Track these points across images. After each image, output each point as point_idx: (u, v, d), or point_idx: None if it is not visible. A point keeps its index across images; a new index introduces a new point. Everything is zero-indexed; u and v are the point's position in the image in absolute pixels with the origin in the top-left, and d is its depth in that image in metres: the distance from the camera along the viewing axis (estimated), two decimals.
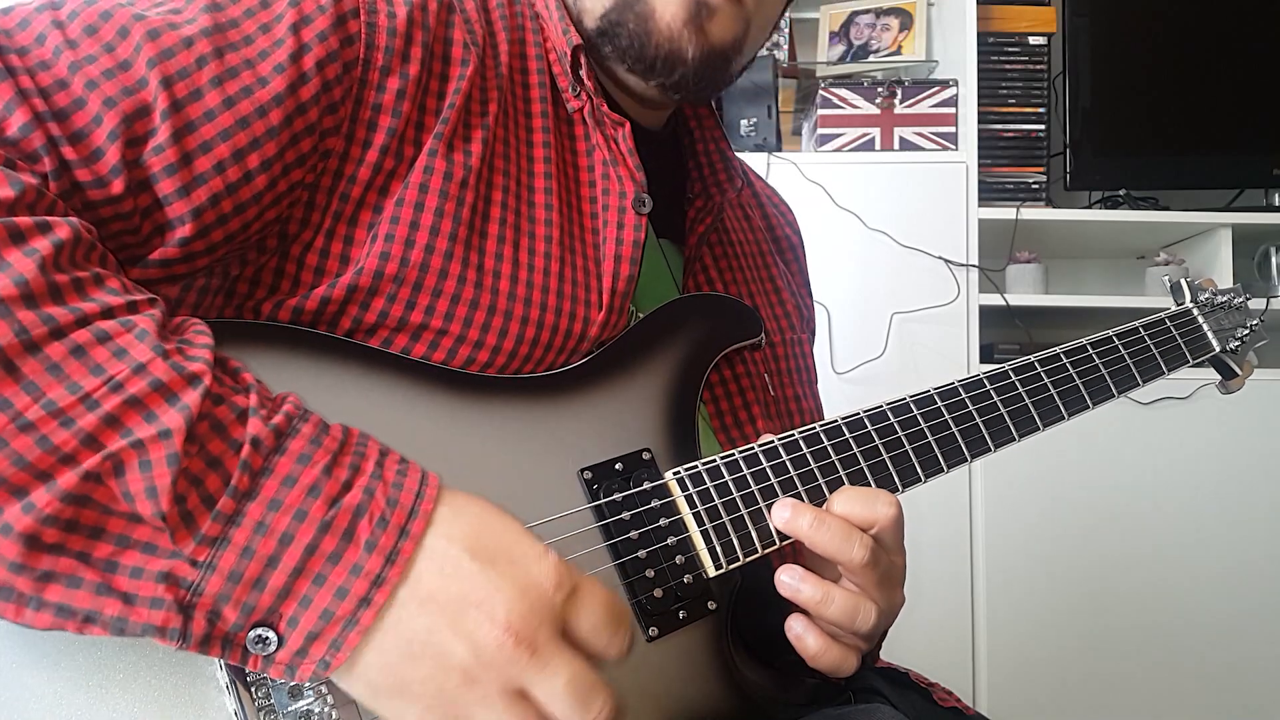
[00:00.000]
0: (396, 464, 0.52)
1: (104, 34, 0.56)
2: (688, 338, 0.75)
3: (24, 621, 0.46)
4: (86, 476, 0.45)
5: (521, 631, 0.49)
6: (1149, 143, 2.26)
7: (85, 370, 0.46)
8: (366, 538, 0.48)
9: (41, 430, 0.45)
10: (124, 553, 0.46)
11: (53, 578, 0.45)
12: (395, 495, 0.50)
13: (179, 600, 0.46)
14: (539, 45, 0.75)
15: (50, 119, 0.53)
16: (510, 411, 0.65)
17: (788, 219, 1.03)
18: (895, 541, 0.69)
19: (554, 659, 0.49)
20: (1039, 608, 2.02)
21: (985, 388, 0.79)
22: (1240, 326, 0.97)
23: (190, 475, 0.46)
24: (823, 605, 0.66)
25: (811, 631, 0.67)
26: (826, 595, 0.66)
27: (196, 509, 0.46)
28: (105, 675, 0.52)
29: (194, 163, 0.57)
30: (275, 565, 0.47)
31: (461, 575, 0.49)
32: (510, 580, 0.50)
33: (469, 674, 0.48)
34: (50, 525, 0.44)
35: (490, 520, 0.52)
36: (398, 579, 0.48)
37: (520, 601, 0.49)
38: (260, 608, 0.47)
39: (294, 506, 0.48)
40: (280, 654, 0.47)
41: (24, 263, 0.47)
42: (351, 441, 0.52)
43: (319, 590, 0.47)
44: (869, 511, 0.67)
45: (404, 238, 0.64)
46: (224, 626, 0.47)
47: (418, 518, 0.50)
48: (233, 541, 0.47)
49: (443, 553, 0.50)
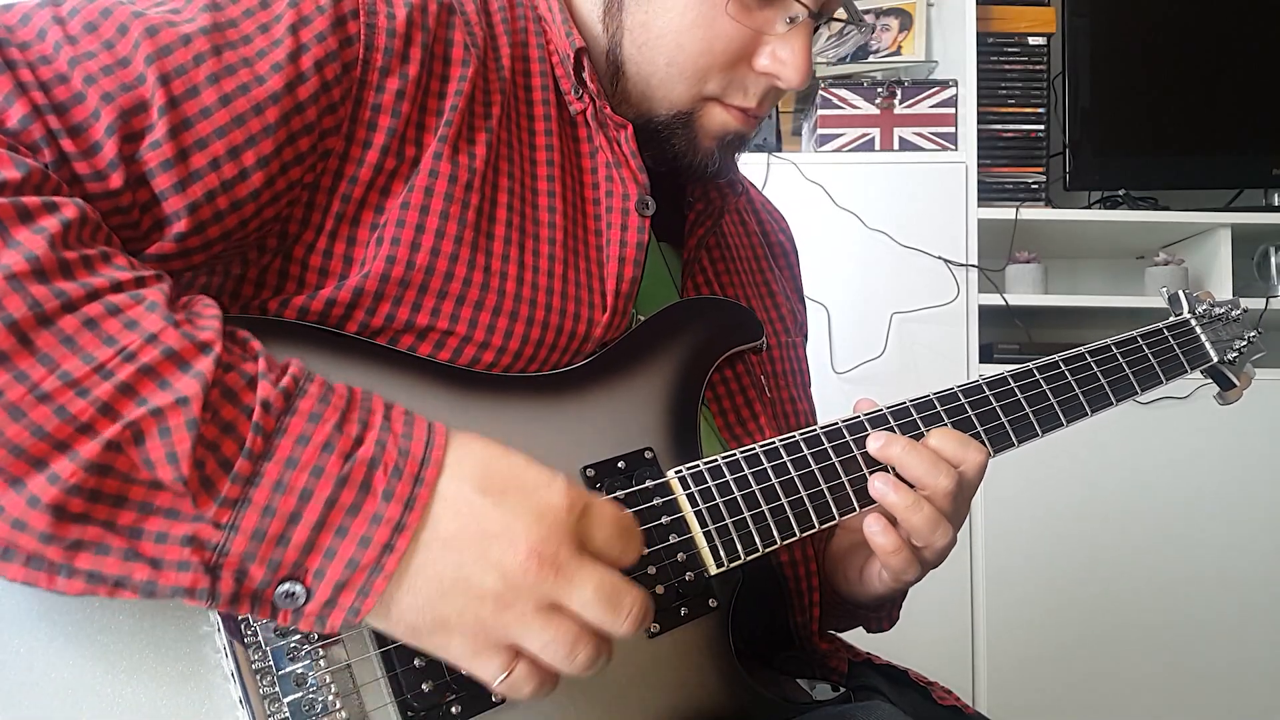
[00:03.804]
0: (403, 416, 0.53)
1: (104, 30, 0.57)
2: (690, 339, 0.75)
3: (57, 589, 0.47)
4: (108, 446, 0.46)
5: (544, 553, 0.50)
6: (1148, 143, 2.26)
7: (98, 341, 0.47)
8: (383, 488, 0.50)
9: (59, 400, 0.46)
10: (148, 519, 0.47)
11: (81, 546, 0.46)
12: (406, 445, 0.51)
13: (205, 562, 0.47)
14: (541, 47, 0.76)
15: (49, 112, 0.54)
16: (513, 410, 0.66)
17: (781, 225, 1.04)
18: (974, 483, 0.75)
19: (578, 572, 0.51)
20: (1039, 607, 2.02)
21: (985, 393, 0.79)
22: (1238, 338, 0.98)
23: (206, 441, 0.47)
24: (912, 510, 0.71)
25: (888, 532, 0.72)
26: (916, 501, 0.71)
27: (215, 473, 0.47)
28: (113, 660, 0.53)
29: (190, 159, 0.57)
30: (297, 521, 0.48)
31: (478, 513, 0.51)
32: (525, 508, 0.51)
33: (502, 599, 0.50)
34: (75, 495, 0.45)
35: (496, 455, 0.53)
36: (418, 524, 0.50)
37: (537, 526, 0.51)
38: (286, 563, 0.48)
39: (310, 463, 0.49)
40: (310, 606, 0.49)
41: (34, 240, 0.48)
42: (357, 399, 0.53)
43: (342, 541, 0.49)
44: (961, 451, 0.73)
45: (410, 240, 0.65)
46: (251, 584, 0.48)
47: (430, 465, 0.51)
48: (253, 501, 0.48)
49: (456, 494, 0.51)
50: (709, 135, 0.77)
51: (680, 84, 0.75)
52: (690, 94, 0.75)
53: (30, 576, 0.47)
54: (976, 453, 0.74)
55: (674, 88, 0.75)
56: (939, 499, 0.72)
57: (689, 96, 0.75)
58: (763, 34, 0.73)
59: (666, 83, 0.75)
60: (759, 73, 0.75)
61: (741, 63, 0.74)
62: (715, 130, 0.77)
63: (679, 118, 0.76)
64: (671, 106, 0.76)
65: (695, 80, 0.74)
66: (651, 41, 0.74)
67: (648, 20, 0.74)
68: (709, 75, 0.74)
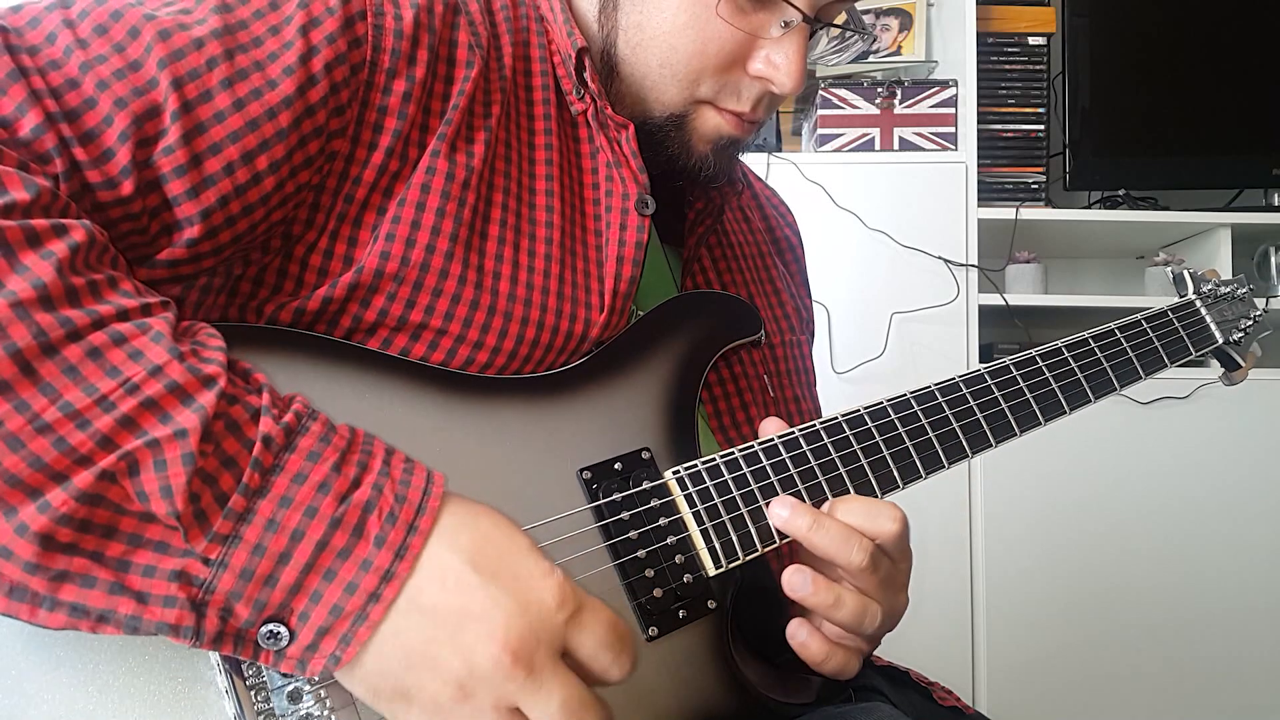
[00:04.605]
0: (402, 462, 0.52)
1: (114, 34, 0.56)
2: (687, 336, 0.75)
3: (38, 622, 0.46)
4: (101, 475, 0.45)
5: (519, 650, 0.49)
6: (1148, 143, 2.26)
7: (102, 372, 0.47)
8: (376, 533, 0.49)
9: (59, 432, 0.45)
10: (137, 552, 0.46)
11: (67, 577, 0.45)
12: (403, 492, 0.50)
13: (192, 598, 0.46)
14: (543, 47, 0.75)
15: (62, 119, 0.53)
16: (509, 412, 0.66)
17: (787, 220, 1.03)
18: (898, 550, 0.68)
19: (550, 680, 0.49)
20: (1039, 607, 2.02)
21: (986, 382, 0.78)
22: (1244, 318, 0.97)
23: (205, 474, 0.47)
24: (833, 609, 0.64)
25: (815, 637, 0.66)
26: (838, 599, 0.64)
27: (210, 507, 0.47)
28: (105, 680, 0.53)
29: (204, 164, 0.57)
30: (286, 561, 0.47)
31: (463, 588, 0.49)
32: (512, 597, 0.50)
33: (464, 688, 0.49)
34: (65, 524, 0.45)
35: (496, 533, 0.52)
36: (407, 574, 0.49)
37: (520, 619, 0.49)
38: (272, 604, 0.47)
39: (304, 503, 0.48)
40: (291, 649, 0.48)
41: (41, 266, 0.47)
42: (358, 440, 0.52)
43: (329, 585, 0.48)
44: (871, 524, 0.66)
45: (405, 237, 0.65)
46: (236, 623, 0.47)
47: (426, 514, 0.50)
48: (244, 539, 0.47)
49: (446, 563, 0.50)
50: (702, 139, 0.77)
51: (673, 86, 0.74)
52: (683, 96, 0.75)
53: (11, 608, 0.46)
54: (890, 521, 0.66)
55: (667, 89, 0.75)
56: (857, 578, 0.65)
57: (682, 99, 0.75)
58: (757, 38, 0.73)
59: (659, 84, 0.75)
60: (753, 77, 0.74)
61: (735, 66, 0.74)
62: (708, 134, 0.77)
63: (672, 120, 0.76)
64: (665, 108, 0.76)
65: (688, 82, 0.74)
66: (645, 42, 0.74)
67: (642, 21, 0.73)
68: (701, 78, 0.74)
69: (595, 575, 0.64)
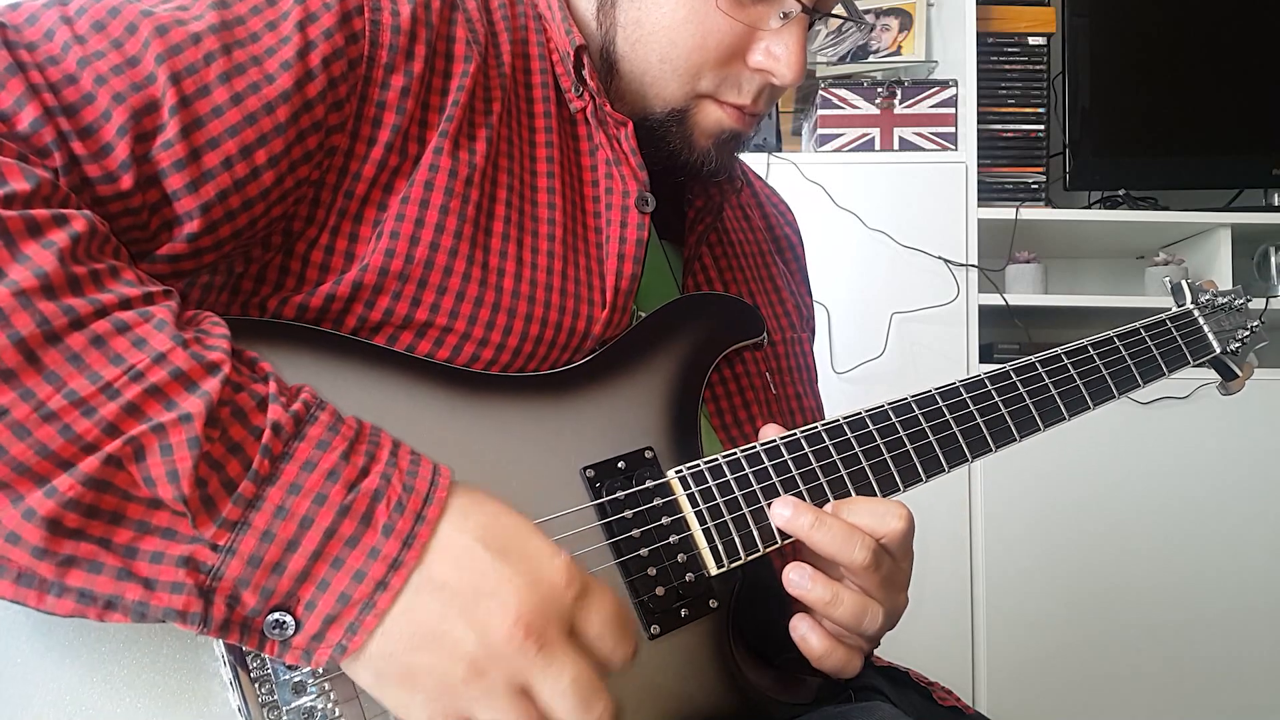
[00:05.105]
0: (409, 454, 0.53)
1: (112, 29, 0.57)
2: (690, 337, 0.75)
3: (45, 608, 0.46)
4: (107, 460, 0.45)
5: (532, 624, 0.49)
6: (1148, 143, 2.26)
7: (105, 360, 0.47)
8: (384, 521, 0.49)
9: (64, 419, 0.45)
10: (144, 538, 0.46)
11: (74, 563, 0.46)
12: (411, 481, 0.51)
13: (199, 585, 0.46)
14: (541, 45, 0.75)
15: (60, 114, 0.53)
16: (513, 410, 0.66)
17: (787, 218, 1.03)
18: (902, 549, 0.68)
19: (561, 656, 0.50)
20: (1039, 607, 2.02)
21: (986, 388, 0.79)
22: (1240, 328, 0.98)
23: (211, 460, 0.47)
24: (831, 606, 0.65)
25: (816, 632, 0.67)
26: (835, 596, 0.65)
27: (217, 493, 0.47)
28: (110, 671, 0.52)
29: (202, 159, 0.57)
30: (294, 549, 0.47)
31: (475, 565, 0.50)
32: (523, 573, 0.50)
33: (476, 664, 0.49)
34: (71, 509, 0.45)
35: (502, 516, 0.53)
36: (414, 563, 0.49)
37: (532, 594, 0.50)
38: (279, 592, 0.47)
39: (313, 490, 0.48)
40: (297, 639, 0.48)
41: (43, 255, 0.47)
42: (365, 431, 0.52)
43: (336, 574, 0.48)
44: (878, 523, 0.66)
45: (409, 234, 0.65)
46: (243, 611, 0.47)
47: (433, 504, 0.50)
48: (253, 525, 0.47)
49: (456, 543, 0.50)
50: (704, 133, 0.77)
51: (674, 81, 0.74)
52: (684, 91, 0.75)
53: (20, 594, 0.46)
54: (896, 519, 0.66)
55: (667, 85, 0.75)
56: (859, 577, 0.66)
57: (683, 94, 0.75)
58: (756, 30, 0.73)
59: (660, 80, 0.75)
60: (753, 69, 0.74)
61: (735, 59, 0.74)
62: (710, 128, 0.77)
63: (673, 115, 0.76)
64: (666, 104, 0.76)
65: (689, 77, 0.74)
66: (644, 38, 0.74)
67: (640, 17, 0.73)
68: (702, 72, 0.74)
69: (597, 573, 0.63)
